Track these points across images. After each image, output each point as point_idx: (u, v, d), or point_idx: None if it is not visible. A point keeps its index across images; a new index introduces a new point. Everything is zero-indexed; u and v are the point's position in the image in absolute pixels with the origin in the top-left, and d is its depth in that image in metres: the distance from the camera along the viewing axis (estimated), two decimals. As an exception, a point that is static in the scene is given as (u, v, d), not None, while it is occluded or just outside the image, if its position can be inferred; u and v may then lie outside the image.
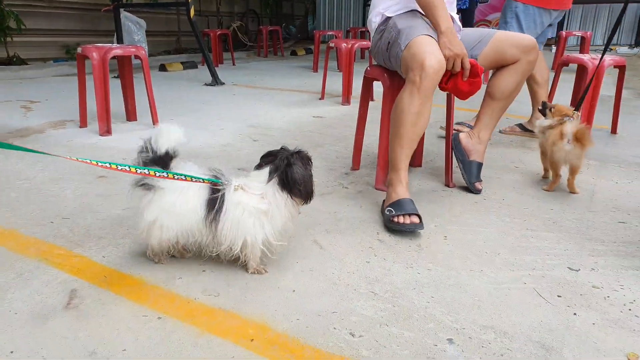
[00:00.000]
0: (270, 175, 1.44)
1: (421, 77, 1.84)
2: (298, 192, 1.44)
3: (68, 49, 7.57)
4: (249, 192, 1.44)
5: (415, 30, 1.95)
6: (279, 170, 1.43)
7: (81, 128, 3.46)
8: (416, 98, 1.88)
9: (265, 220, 1.44)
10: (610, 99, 3.54)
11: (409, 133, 1.95)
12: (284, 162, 1.43)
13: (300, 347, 1.21)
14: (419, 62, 1.84)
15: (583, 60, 3.27)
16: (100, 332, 1.26)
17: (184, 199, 1.42)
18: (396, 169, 2.00)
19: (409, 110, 1.91)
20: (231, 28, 10.56)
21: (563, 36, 7.28)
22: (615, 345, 1.22)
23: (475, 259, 1.66)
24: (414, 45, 1.90)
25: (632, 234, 1.86)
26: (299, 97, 5.02)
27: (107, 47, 3.30)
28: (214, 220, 1.41)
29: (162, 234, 1.46)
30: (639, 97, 4.97)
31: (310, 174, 1.47)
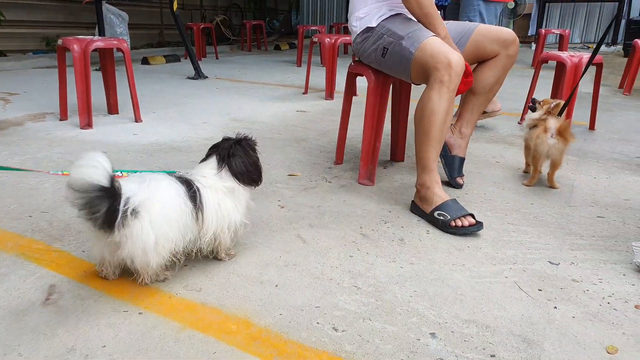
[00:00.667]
0: (219, 164, 1.48)
1: (450, 75, 1.84)
2: (243, 180, 1.49)
3: (48, 41, 7.42)
4: (210, 176, 1.46)
5: (421, 33, 1.95)
6: (223, 162, 1.48)
7: (61, 121, 3.40)
8: (445, 97, 1.88)
9: (233, 200, 1.48)
10: (588, 95, 3.59)
11: (439, 133, 1.94)
12: (225, 153, 1.48)
13: (283, 342, 1.21)
14: (445, 61, 1.83)
15: (562, 57, 3.31)
16: (80, 327, 1.24)
17: (169, 204, 1.34)
18: (429, 170, 1.97)
19: (439, 109, 1.89)
20: (214, 22, 10.46)
21: (542, 34, 7.38)
22: (594, 339, 1.24)
23: (457, 253, 1.67)
24: (428, 47, 1.89)
25: (609, 228, 1.89)
26: (282, 92, 5.00)
27: (88, 40, 3.24)
28: (200, 210, 1.40)
29: (165, 249, 1.34)
30: (616, 94, 5.05)
31: (254, 160, 1.52)
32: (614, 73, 6.32)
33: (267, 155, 2.75)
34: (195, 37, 8.10)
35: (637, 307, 1.38)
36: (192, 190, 1.39)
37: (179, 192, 1.36)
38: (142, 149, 2.82)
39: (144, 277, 1.40)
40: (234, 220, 1.48)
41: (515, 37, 2.14)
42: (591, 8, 11.40)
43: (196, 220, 1.39)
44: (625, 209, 2.08)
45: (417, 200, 2.00)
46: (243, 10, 12.70)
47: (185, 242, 1.39)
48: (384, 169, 2.54)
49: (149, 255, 1.31)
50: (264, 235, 1.77)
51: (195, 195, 1.39)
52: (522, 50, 9.58)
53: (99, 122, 3.39)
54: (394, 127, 2.64)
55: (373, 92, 2.23)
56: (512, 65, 2.17)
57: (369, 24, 2.13)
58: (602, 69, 3.47)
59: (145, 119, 3.54)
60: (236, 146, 1.50)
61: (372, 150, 2.30)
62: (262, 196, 2.13)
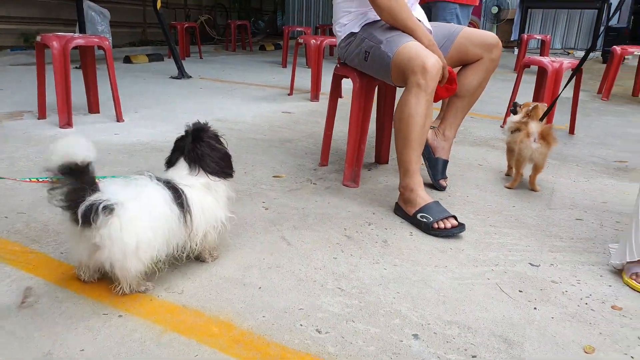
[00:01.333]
0: (191, 165, 1.44)
1: (426, 79, 1.85)
2: (219, 176, 1.47)
3: (26, 37, 7.29)
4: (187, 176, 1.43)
5: (400, 38, 1.96)
6: (194, 161, 1.44)
7: (40, 119, 3.34)
8: (423, 100, 1.89)
9: (213, 195, 1.45)
10: (568, 100, 3.65)
11: (418, 136, 1.95)
12: (194, 153, 1.44)
13: (266, 344, 1.20)
14: (420, 65, 1.84)
15: (543, 62, 3.36)
16: (57, 331, 1.22)
17: (153, 206, 1.31)
18: (411, 173, 1.98)
19: (417, 113, 1.91)
20: (199, 21, 10.39)
21: (525, 39, 7.48)
22: (572, 339, 1.26)
23: (440, 255, 1.68)
24: (405, 51, 1.91)
25: (587, 231, 1.92)
26: (267, 92, 4.98)
27: (68, 37, 3.19)
28: (187, 212, 1.37)
29: (146, 255, 1.30)
30: (595, 100, 5.14)
31: (222, 154, 1.49)
32: (592, 79, 6.43)
33: (252, 156, 2.73)
34: (179, 36, 8.03)
35: (613, 307, 1.40)
36: (178, 193, 1.37)
37: (164, 196, 1.33)
38: (123, 149, 2.78)
39: (122, 286, 1.34)
40: (219, 216, 1.47)
41: (499, 41, 2.16)
42: (572, 15, 11.60)
43: (184, 223, 1.36)
44: (602, 212, 2.11)
45: (401, 202, 2.01)
46: (228, 10, 12.64)
47: (169, 249, 1.36)
48: (368, 171, 2.55)
49: (128, 259, 1.27)
50: (248, 237, 1.76)
51: (181, 199, 1.36)
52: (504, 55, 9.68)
53: (79, 121, 3.34)
54: (378, 130, 2.65)
55: (358, 94, 2.24)
56: (495, 69, 2.20)
57: (352, 29, 2.16)
58: (581, 74, 3.52)
59: (127, 119, 3.50)
60: (202, 145, 1.45)
61: (357, 153, 2.31)
62: (246, 198, 2.12)
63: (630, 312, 1.39)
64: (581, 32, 11.65)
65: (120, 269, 1.29)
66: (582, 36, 11.65)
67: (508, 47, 10.90)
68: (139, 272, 1.33)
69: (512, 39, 11.32)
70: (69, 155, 1.19)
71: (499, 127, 3.72)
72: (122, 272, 1.31)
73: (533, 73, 3.99)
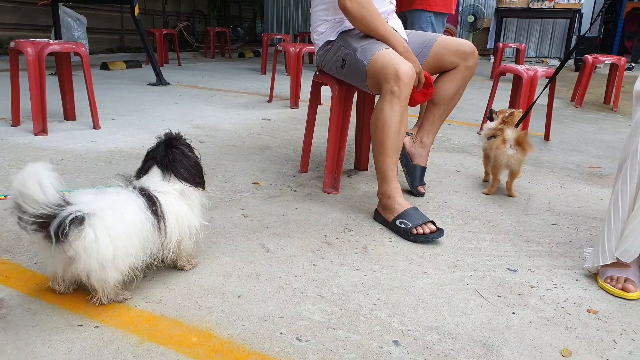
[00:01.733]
0: (164, 172, 1.43)
1: (400, 86, 1.87)
2: (190, 181, 1.46)
3: (0, 44, 7.14)
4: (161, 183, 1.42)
5: (374, 46, 1.98)
6: (167, 168, 1.43)
7: (13, 127, 3.27)
8: (397, 107, 1.90)
9: (188, 202, 1.45)
10: (543, 107, 3.72)
11: (394, 142, 1.96)
12: (166, 159, 1.43)
13: (245, 353, 1.19)
14: (393, 72, 1.86)
15: (518, 70, 3.43)
16: (30, 344, 1.19)
17: (128, 214, 1.28)
18: (388, 180, 1.99)
19: (391, 120, 1.92)
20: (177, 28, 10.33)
21: (500, 47, 7.61)
22: (550, 342, 1.28)
23: (419, 261, 1.69)
24: (379, 59, 1.92)
25: (563, 235, 1.95)
26: (246, 99, 4.97)
27: (43, 43, 3.13)
28: (162, 219, 1.36)
29: (124, 263, 1.28)
30: (568, 107, 5.26)
31: (194, 163, 1.49)
32: (566, 87, 6.58)
33: (231, 163, 2.72)
34: (157, 43, 7.97)
35: (589, 311, 1.43)
36: (152, 200, 1.35)
37: (138, 204, 1.31)
38: (100, 156, 2.74)
39: (100, 296, 1.32)
40: (193, 223, 1.45)
41: (475, 50, 2.18)
42: (545, 24, 11.89)
43: (159, 231, 1.34)
44: (577, 217, 2.15)
45: (380, 208, 2.02)
46: (206, 17, 12.60)
47: (145, 256, 1.34)
48: (348, 178, 2.56)
49: (106, 269, 1.25)
50: (227, 245, 1.75)
51: (155, 206, 1.35)
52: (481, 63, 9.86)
53: (55, 129, 3.28)
54: (358, 136, 2.66)
55: (337, 101, 2.25)
56: (471, 77, 2.22)
57: (329, 37, 2.18)
58: (555, 82, 3.60)
59: (104, 126, 3.45)
60: (173, 150, 1.45)
61: (337, 159, 2.31)
62: (225, 205, 2.11)
63: (605, 315, 1.41)
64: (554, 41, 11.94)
65: (97, 280, 1.27)
66: (555, 45, 11.94)
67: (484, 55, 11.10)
68: (117, 281, 1.31)
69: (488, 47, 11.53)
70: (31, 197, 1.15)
71: (476, 133, 3.77)
72: (99, 282, 1.28)
73: (509, 80, 4.07)
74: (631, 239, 1.48)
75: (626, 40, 12.31)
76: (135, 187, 1.36)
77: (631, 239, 1.48)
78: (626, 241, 1.49)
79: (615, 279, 1.54)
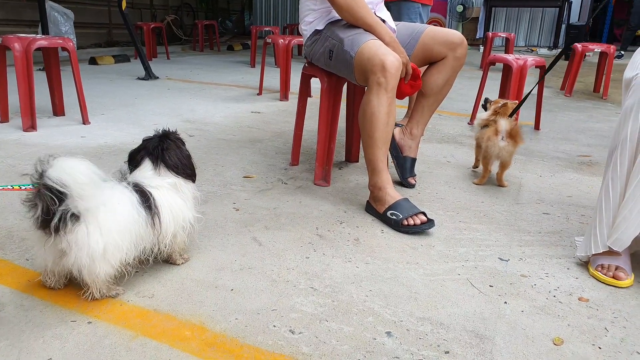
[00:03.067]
0: (154, 162, 1.43)
1: (386, 77, 1.86)
2: (182, 174, 1.46)
3: (-14, 39, 7.04)
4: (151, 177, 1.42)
5: (361, 37, 1.97)
6: (158, 158, 1.43)
7: (2, 123, 3.23)
8: (384, 98, 1.90)
9: (181, 196, 1.44)
10: (533, 97, 3.73)
11: (383, 134, 1.96)
12: (159, 149, 1.43)
13: (239, 346, 1.19)
14: (379, 64, 1.85)
15: (508, 60, 3.44)
16: (23, 340, 1.18)
17: (120, 209, 1.29)
18: (379, 171, 1.99)
19: (379, 111, 1.92)
20: (165, 21, 10.23)
21: (490, 37, 7.61)
22: (542, 331, 1.29)
23: (411, 252, 1.70)
24: (366, 50, 1.91)
25: (554, 224, 1.97)
26: (236, 93, 4.94)
27: (30, 38, 3.10)
28: (156, 214, 1.35)
29: (115, 257, 1.28)
30: (558, 96, 5.28)
31: (186, 154, 1.49)
32: (556, 76, 6.60)
33: (221, 156, 2.71)
34: (145, 36, 7.89)
35: (580, 299, 1.44)
36: (146, 196, 1.35)
37: (131, 200, 1.31)
38: (90, 151, 2.72)
39: (92, 291, 1.31)
40: (187, 217, 1.45)
41: (463, 40, 2.18)
42: (534, 13, 11.89)
43: (153, 226, 1.34)
44: (568, 206, 2.17)
45: (371, 200, 2.02)
46: (195, 9, 12.49)
47: (137, 252, 1.34)
48: (339, 170, 2.56)
49: (96, 263, 1.25)
50: (219, 239, 1.74)
51: (149, 201, 1.35)
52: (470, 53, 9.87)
53: (44, 124, 3.25)
54: (348, 128, 2.66)
55: (326, 93, 2.24)
56: (460, 67, 2.22)
57: (316, 27, 2.16)
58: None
59: (94, 121, 3.42)
60: (166, 141, 1.45)
61: (327, 152, 2.31)
62: (216, 199, 2.10)
63: (596, 303, 1.43)
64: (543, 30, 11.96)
65: (88, 273, 1.27)
66: (544, 34, 11.96)
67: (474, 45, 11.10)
68: (108, 276, 1.30)
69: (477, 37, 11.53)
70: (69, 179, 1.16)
71: (466, 124, 3.78)
72: (90, 276, 1.28)
73: (498, 70, 4.07)
74: (622, 227, 1.49)
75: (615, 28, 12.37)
76: (129, 183, 1.36)
77: (622, 227, 1.49)
78: (617, 229, 1.51)
79: (606, 267, 1.56)
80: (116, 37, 9.55)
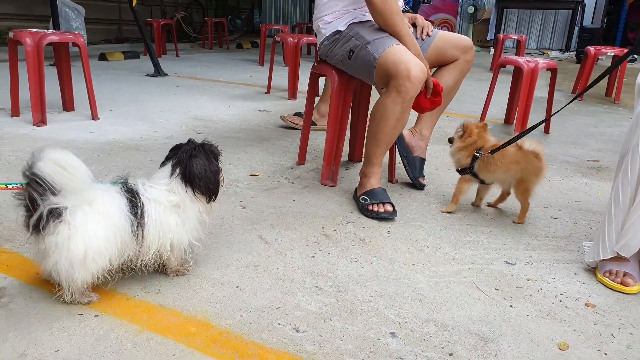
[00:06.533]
0: (173, 168, 1.35)
1: (407, 86, 1.87)
2: (199, 186, 1.35)
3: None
4: (158, 187, 1.34)
5: (387, 40, 1.97)
6: (182, 164, 1.35)
7: (13, 117, 3.26)
8: (399, 106, 1.92)
9: (181, 215, 1.35)
10: (543, 100, 3.71)
11: (387, 136, 2.03)
12: (186, 154, 1.35)
13: (243, 343, 1.20)
14: (405, 72, 1.86)
15: (519, 62, 3.42)
16: (31, 332, 1.19)
17: (106, 212, 1.23)
18: (371, 164, 2.09)
19: (390, 116, 1.96)
20: (175, 18, 10.26)
21: (501, 39, 7.57)
22: (547, 336, 1.28)
23: (417, 253, 1.70)
24: (391, 54, 1.91)
25: (562, 229, 1.96)
26: (244, 91, 4.95)
27: (42, 33, 3.12)
28: (140, 226, 1.28)
29: (96, 265, 1.23)
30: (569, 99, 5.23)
31: (214, 169, 1.38)
32: (567, 79, 6.56)
33: (229, 155, 2.71)
34: (155, 33, 7.92)
35: (587, 304, 1.43)
36: (135, 203, 1.28)
37: (119, 204, 1.25)
38: (99, 147, 2.73)
39: (64, 293, 1.26)
40: (180, 239, 1.36)
41: (472, 44, 2.26)
42: (546, 15, 11.81)
43: (136, 237, 1.27)
44: (576, 210, 2.16)
45: (358, 186, 2.13)
46: (204, 7, 12.52)
47: (122, 259, 1.29)
48: (346, 170, 2.56)
49: (75, 268, 1.20)
50: (225, 236, 1.75)
51: (137, 210, 1.28)
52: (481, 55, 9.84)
53: (54, 119, 3.27)
54: (353, 128, 2.65)
55: (337, 93, 2.24)
56: (468, 71, 2.28)
57: (338, 27, 2.15)
58: (556, 74, 3.59)
59: (103, 117, 3.44)
60: (199, 149, 1.37)
61: (335, 151, 2.31)
62: (223, 197, 2.10)
63: (603, 309, 1.42)
64: (555, 32, 11.88)
65: (65, 278, 1.22)
66: (556, 37, 11.87)
67: (484, 47, 11.06)
68: (85, 283, 1.25)
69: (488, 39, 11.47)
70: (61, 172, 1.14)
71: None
72: (67, 280, 1.23)
73: (509, 73, 4.06)
74: (631, 233, 1.48)
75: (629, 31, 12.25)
76: (123, 187, 1.30)
77: (631, 233, 1.48)
78: (626, 235, 1.50)
79: (614, 273, 1.55)
80: (126, 33, 9.60)
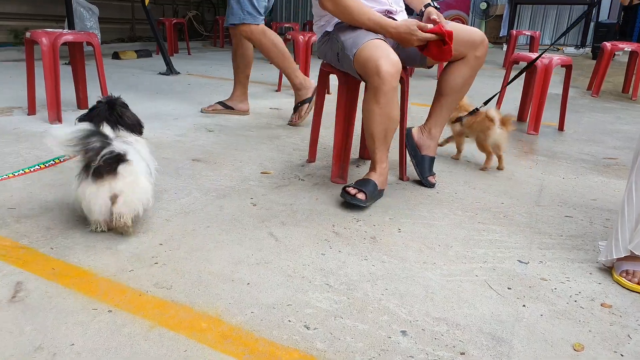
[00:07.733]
0: (114, 127, 1.76)
1: (378, 83, 1.89)
2: (139, 127, 1.88)
3: (16, 34, 7.20)
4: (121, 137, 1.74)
5: (359, 39, 1.97)
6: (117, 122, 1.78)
7: (29, 116, 3.30)
8: (382, 101, 1.94)
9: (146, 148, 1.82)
10: (557, 97, 3.67)
11: (378, 133, 2.03)
12: (115, 114, 1.79)
13: (254, 340, 1.20)
14: (374, 69, 1.87)
15: (532, 58, 3.37)
16: (47, 325, 1.21)
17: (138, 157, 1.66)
18: (373, 161, 2.12)
19: (374, 112, 1.98)
20: (187, 17, 10.31)
21: (514, 35, 7.48)
22: (561, 336, 1.27)
23: (428, 252, 1.69)
24: (362, 53, 1.92)
25: (577, 228, 1.93)
26: (255, 89, 4.96)
27: (57, 33, 3.15)
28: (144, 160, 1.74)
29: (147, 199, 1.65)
30: (584, 96, 5.18)
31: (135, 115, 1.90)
32: (582, 75, 6.47)
33: (240, 152, 2.72)
34: (167, 32, 7.97)
35: (603, 305, 1.42)
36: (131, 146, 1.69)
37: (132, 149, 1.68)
38: (112, 144, 2.75)
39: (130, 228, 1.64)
40: (152, 165, 1.80)
41: (485, 39, 2.15)
42: (561, 10, 11.64)
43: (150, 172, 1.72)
44: (592, 209, 2.13)
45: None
46: (216, 6, 12.56)
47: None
48: (356, 168, 2.55)
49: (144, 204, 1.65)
50: (236, 233, 1.76)
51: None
52: (493, 51, 9.74)
53: (69, 117, 3.31)
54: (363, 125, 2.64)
55: (343, 90, 2.24)
56: (480, 67, 2.19)
57: (326, 28, 2.19)
58: (571, 70, 3.54)
59: (116, 115, 3.47)
60: (118, 107, 1.81)
61: (344, 149, 2.31)
62: (234, 194, 2.12)
63: (619, 310, 1.40)
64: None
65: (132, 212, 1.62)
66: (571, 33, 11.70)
67: (497, 43, 10.95)
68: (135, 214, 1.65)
69: (500, 35, 11.34)
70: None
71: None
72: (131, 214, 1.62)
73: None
74: (644, 231, 1.46)
75: (646, 26, 12.05)
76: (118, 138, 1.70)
77: (644, 231, 1.46)
78: (639, 233, 1.47)
79: (631, 273, 1.52)
80: (139, 32, 9.67)
